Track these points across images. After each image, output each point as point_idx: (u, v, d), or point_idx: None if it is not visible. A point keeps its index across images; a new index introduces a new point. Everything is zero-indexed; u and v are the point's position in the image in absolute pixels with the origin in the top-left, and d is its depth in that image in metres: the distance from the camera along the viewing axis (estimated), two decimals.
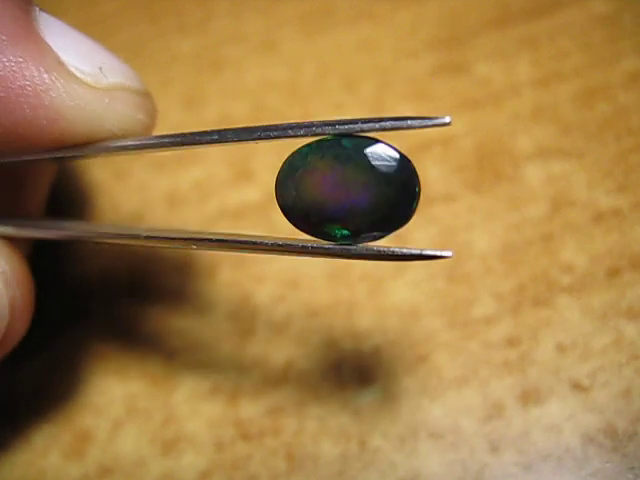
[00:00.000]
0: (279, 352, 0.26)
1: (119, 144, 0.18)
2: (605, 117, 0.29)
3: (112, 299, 0.29)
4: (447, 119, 0.15)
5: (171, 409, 0.26)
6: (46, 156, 0.18)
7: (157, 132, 0.33)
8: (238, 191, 0.30)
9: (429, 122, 0.15)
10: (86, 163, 0.32)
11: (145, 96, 0.19)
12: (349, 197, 0.16)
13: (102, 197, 0.31)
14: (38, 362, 0.27)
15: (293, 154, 0.17)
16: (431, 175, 0.29)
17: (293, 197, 0.16)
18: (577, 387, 0.24)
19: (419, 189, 0.16)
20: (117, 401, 0.26)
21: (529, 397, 0.24)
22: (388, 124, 0.15)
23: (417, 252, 0.16)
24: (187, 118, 0.33)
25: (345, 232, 0.16)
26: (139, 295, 0.28)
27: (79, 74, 0.17)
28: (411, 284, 0.27)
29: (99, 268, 0.30)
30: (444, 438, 0.23)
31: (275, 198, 0.17)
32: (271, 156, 0.30)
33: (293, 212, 0.17)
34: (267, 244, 0.17)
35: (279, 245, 0.17)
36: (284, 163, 0.17)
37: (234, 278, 0.28)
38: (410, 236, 0.28)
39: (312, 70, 0.33)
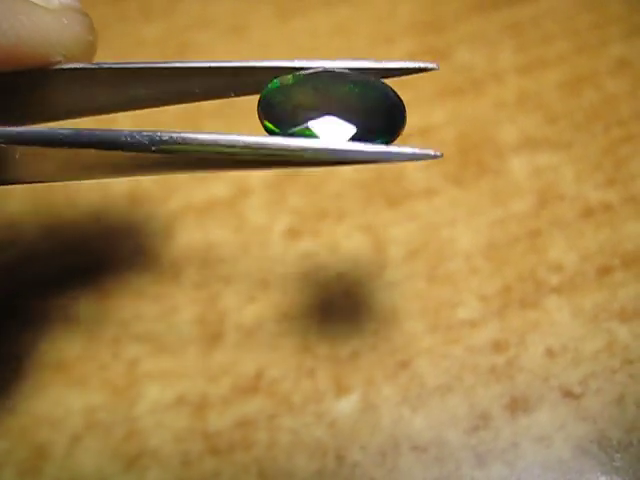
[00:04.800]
0: (249, 359, 0.24)
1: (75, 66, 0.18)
2: (593, 106, 0.28)
3: (70, 302, 0.27)
4: None
5: (133, 422, 0.24)
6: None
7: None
8: (204, 186, 0.28)
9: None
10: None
11: (89, 16, 0.19)
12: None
13: (57, 193, 0.29)
14: None
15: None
16: (410, 168, 0.27)
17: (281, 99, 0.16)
18: (568, 395, 0.22)
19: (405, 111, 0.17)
20: (75, 413, 0.24)
21: (517, 406, 0.22)
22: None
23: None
24: (152, 110, 0.31)
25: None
26: (98, 297, 0.26)
27: None
28: (390, 285, 0.25)
29: (56, 267, 0.28)
30: (428, 452, 0.22)
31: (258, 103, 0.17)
32: None
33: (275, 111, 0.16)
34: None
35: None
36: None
37: (200, 278, 0.26)
38: (388, 233, 0.26)
39: (284, 55, 0.31)
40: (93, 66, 0.18)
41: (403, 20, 0.31)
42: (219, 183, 0.28)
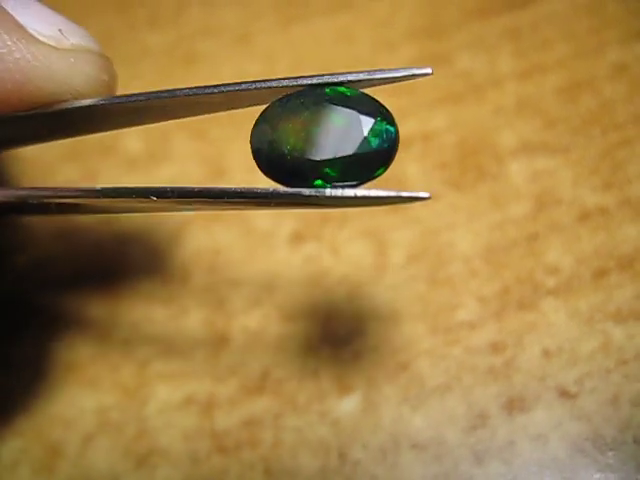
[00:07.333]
0: (255, 360, 0.25)
1: (84, 103, 0.18)
2: (590, 110, 0.28)
3: (82, 305, 0.27)
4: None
5: (144, 421, 0.25)
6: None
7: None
8: None
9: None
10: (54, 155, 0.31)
11: (105, 58, 0.19)
12: (331, 144, 0.15)
13: None
14: (4, 372, 0.26)
15: (271, 104, 0.16)
16: (411, 173, 0.28)
17: (269, 142, 0.16)
18: (564, 394, 0.23)
19: (398, 139, 0.16)
20: (88, 413, 0.25)
21: (514, 405, 0.23)
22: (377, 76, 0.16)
23: (394, 193, 0.15)
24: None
25: (319, 182, 0.16)
26: (109, 300, 0.27)
27: (40, 37, 0.17)
28: (391, 288, 0.26)
29: (68, 270, 0.28)
30: (427, 450, 0.23)
31: (250, 145, 0.16)
32: (245, 153, 0.29)
33: (267, 159, 0.16)
34: (232, 192, 0.16)
35: (246, 193, 0.16)
36: (262, 112, 0.16)
37: (208, 282, 0.27)
38: (389, 237, 0.27)
39: (287, 62, 0.32)
40: (102, 102, 0.18)
41: (403, 26, 0.32)
42: None
